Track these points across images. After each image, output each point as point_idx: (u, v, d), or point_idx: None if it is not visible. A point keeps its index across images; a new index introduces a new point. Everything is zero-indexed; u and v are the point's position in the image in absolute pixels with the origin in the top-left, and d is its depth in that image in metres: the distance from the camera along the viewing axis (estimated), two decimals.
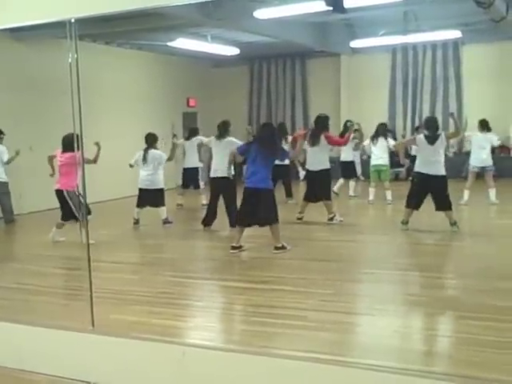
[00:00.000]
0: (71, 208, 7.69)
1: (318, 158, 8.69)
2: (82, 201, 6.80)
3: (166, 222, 9.22)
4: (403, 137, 14.24)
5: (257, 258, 7.00)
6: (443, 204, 7.83)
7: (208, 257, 7.53)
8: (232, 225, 8.04)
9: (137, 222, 9.22)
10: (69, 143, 7.41)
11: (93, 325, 3.99)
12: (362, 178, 13.28)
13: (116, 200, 11.83)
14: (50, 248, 7.85)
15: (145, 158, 9.06)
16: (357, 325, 4.72)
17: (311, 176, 8.91)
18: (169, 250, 8.00)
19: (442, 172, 7.82)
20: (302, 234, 8.22)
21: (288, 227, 8.05)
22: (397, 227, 8.16)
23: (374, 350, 3.97)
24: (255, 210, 6.93)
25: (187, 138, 11.26)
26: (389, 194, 10.66)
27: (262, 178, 6.95)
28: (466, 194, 10.02)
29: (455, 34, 11.95)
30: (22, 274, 6.55)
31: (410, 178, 8.56)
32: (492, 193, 10.08)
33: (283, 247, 6.99)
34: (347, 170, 11.51)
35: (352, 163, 11.62)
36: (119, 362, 3.75)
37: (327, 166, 8.79)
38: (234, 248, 7.06)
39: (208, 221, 8.63)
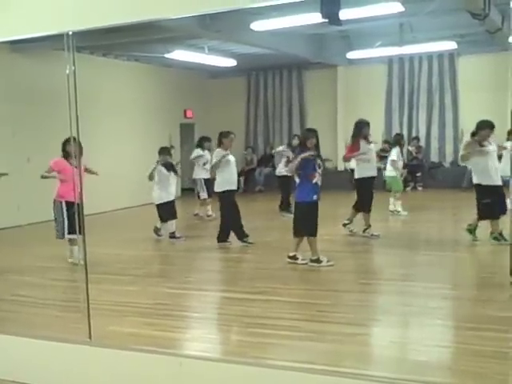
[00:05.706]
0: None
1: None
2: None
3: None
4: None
5: (255, 269, 6.99)
6: None
7: (206, 268, 7.52)
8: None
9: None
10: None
11: (90, 337, 3.98)
12: None
13: (114, 211, 11.80)
14: (48, 260, 7.81)
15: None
16: (354, 335, 4.71)
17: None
18: (167, 261, 7.98)
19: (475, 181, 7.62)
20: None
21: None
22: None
23: (372, 361, 3.97)
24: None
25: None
26: (398, 205, 10.45)
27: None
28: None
29: (451, 45, 12.04)
30: (20, 285, 6.52)
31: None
32: None
33: (318, 260, 6.68)
34: None
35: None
36: (116, 374, 3.74)
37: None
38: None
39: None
